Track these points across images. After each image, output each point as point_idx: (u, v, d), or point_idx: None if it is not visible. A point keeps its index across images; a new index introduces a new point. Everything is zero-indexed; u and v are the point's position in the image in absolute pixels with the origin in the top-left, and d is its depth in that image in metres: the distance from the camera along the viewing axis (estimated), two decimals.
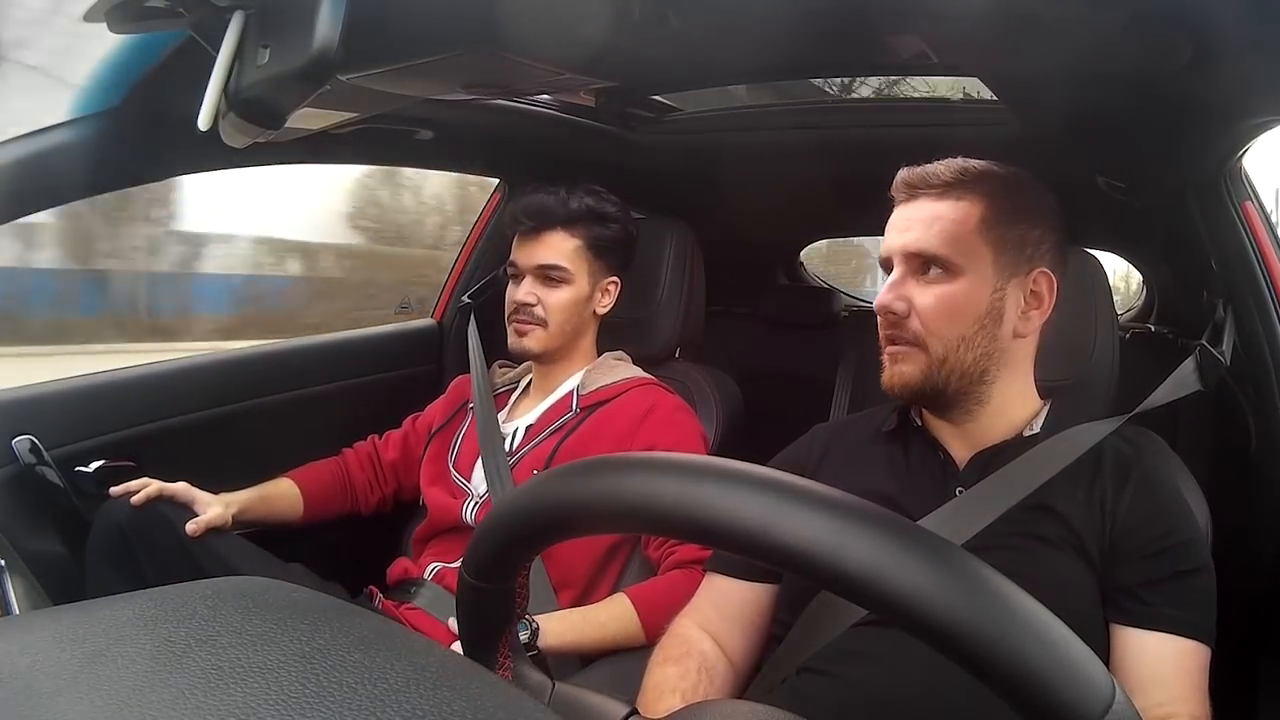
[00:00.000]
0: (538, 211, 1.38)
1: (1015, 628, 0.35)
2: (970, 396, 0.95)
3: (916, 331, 0.93)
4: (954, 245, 0.92)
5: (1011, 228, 0.93)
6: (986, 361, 0.93)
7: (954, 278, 0.92)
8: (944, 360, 0.92)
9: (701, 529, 0.39)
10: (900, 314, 0.93)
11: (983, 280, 0.92)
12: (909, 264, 0.94)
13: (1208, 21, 0.76)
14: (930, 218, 0.93)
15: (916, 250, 0.93)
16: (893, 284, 0.94)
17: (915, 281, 0.93)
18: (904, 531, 0.37)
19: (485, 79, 1.00)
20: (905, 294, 0.93)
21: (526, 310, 1.38)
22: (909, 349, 0.93)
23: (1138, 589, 0.85)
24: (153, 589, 0.41)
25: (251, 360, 1.58)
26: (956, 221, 0.92)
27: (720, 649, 0.97)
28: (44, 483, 1.20)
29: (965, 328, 0.92)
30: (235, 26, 0.69)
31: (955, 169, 0.94)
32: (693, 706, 0.54)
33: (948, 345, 0.92)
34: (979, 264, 0.92)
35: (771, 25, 0.89)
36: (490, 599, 0.49)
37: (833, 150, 1.53)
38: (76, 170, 1.05)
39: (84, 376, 1.35)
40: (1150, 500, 0.89)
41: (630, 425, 1.31)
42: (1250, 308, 1.16)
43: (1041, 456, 0.91)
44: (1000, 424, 0.96)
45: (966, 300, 0.92)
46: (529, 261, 1.39)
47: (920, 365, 0.93)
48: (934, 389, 0.93)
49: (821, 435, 1.09)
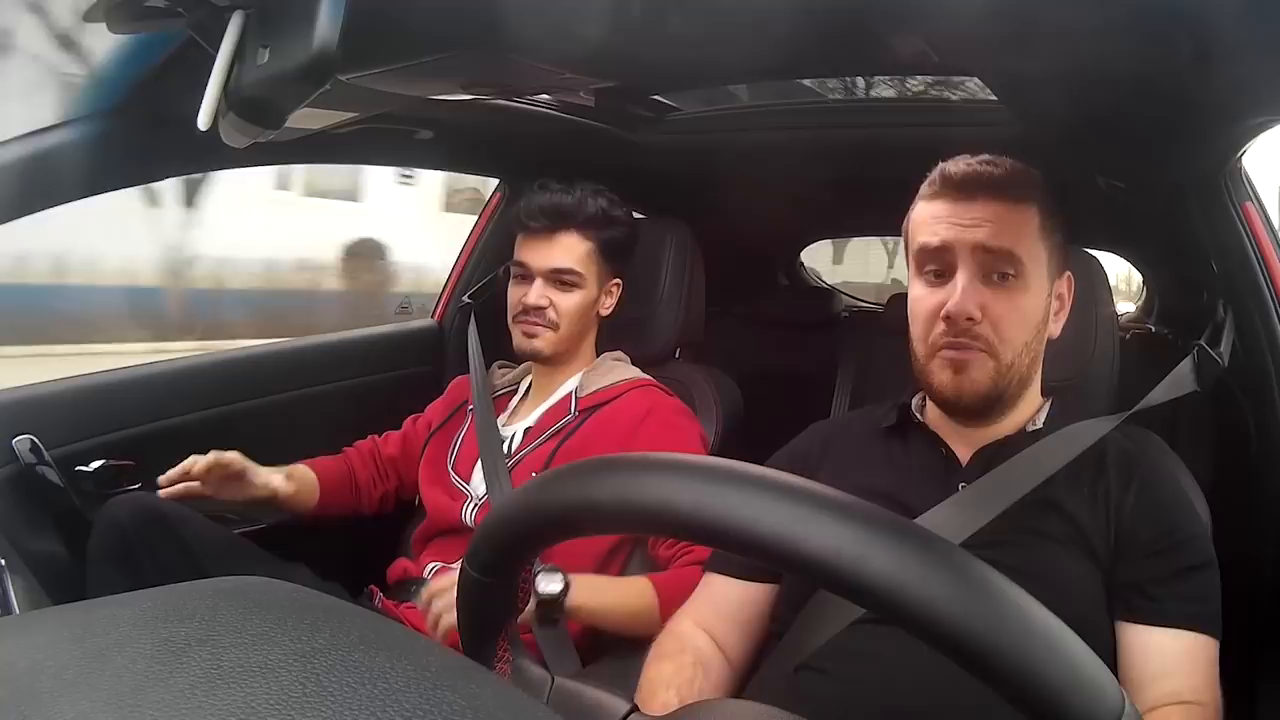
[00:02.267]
0: (553, 211, 1.35)
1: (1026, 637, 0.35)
2: (1015, 399, 0.95)
3: (988, 338, 0.90)
4: (1025, 249, 0.91)
5: (1056, 232, 0.95)
6: (1034, 365, 0.95)
7: (1024, 282, 0.91)
8: (1011, 366, 0.91)
9: (718, 533, 0.39)
10: (977, 319, 0.89)
11: (1041, 286, 0.93)
12: (978, 264, 0.90)
13: (1207, 21, 0.76)
14: (999, 216, 0.90)
15: (995, 246, 0.89)
16: (966, 289, 0.89)
17: (985, 286, 0.90)
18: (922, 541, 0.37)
19: (485, 79, 1.00)
20: (980, 299, 0.90)
21: (538, 313, 1.36)
22: (978, 355, 0.90)
23: (1146, 586, 0.85)
24: (153, 589, 0.41)
25: (251, 360, 1.58)
26: (1021, 223, 0.91)
27: (717, 646, 0.97)
28: (44, 483, 1.20)
29: (1028, 333, 0.92)
30: (235, 26, 0.69)
31: (1012, 171, 0.93)
32: (692, 706, 0.54)
33: (1015, 351, 0.91)
34: (1040, 269, 0.92)
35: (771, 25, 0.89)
36: (491, 593, 0.49)
37: (833, 150, 1.53)
38: (76, 170, 1.05)
39: (84, 376, 1.35)
40: (1155, 497, 0.89)
41: (629, 427, 1.31)
42: (1250, 308, 1.16)
43: (1044, 452, 0.91)
44: (1006, 422, 0.97)
45: (1033, 307, 0.92)
46: (542, 264, 1.36)
47: (989, 372, 0.91)
48: (998, 395, 0.92)
49: (822, 432, 1.09)
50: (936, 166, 0.97)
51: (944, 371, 0.92)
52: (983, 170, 0.93)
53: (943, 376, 0.92)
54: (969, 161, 0.94)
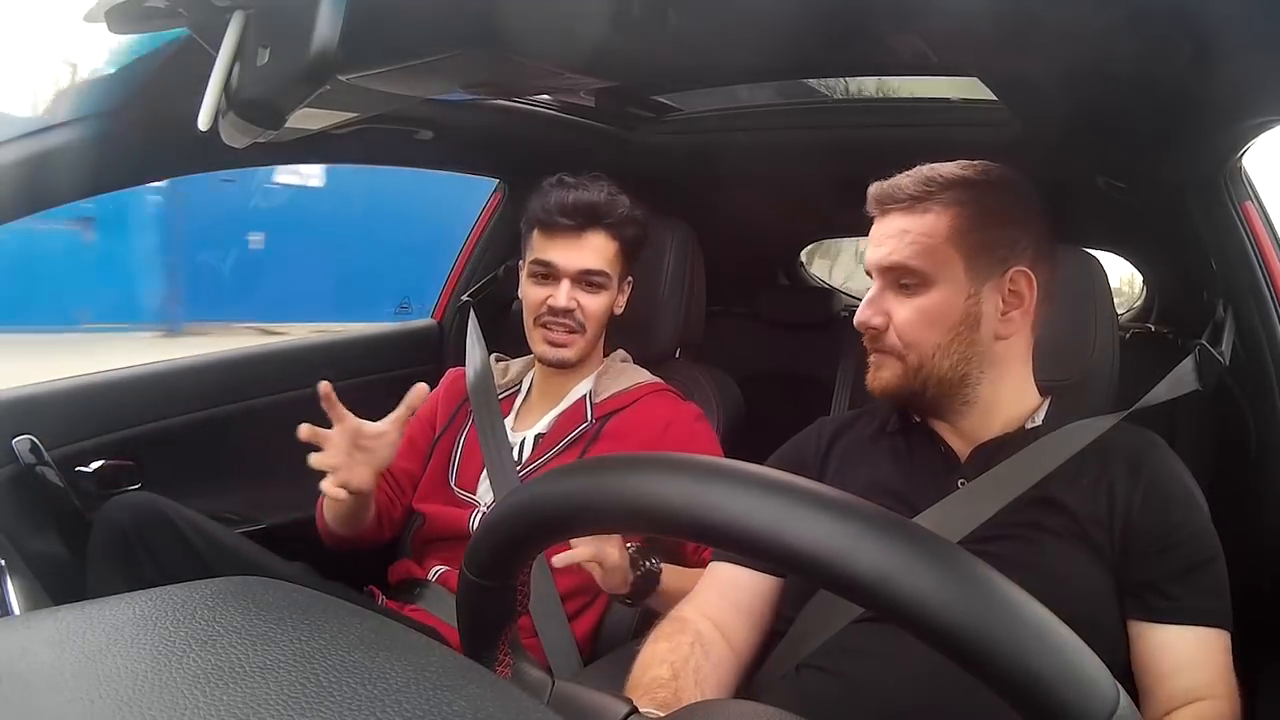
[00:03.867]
0: (586, 210, 1.28)
1: (1019, 631, 0.35)
2: (955, 398, 0.97)
3: (893, 343, 0.96)
4: (924, 257, 0.94)
5: (983, 232, 0.94)
6: (965, 366, 0.95)
7: (928, 289, 0.94)
8: (919, 368, 0.95)
9: (710, 530, 0.39)
10: (879, 328, 0.96)
11: (956, 288, 0.94)
12: (885, 278, 0.97)
13: (1207, 20, 0.76)
14: (899, 231, 0.95)
15: (889, 265, 0.95)
16: (870, 299, 0.97)
17: (892, 294, 0.96)
18: (911, 535, 0.37)
19: (485, 79, 1.00)
20: (883, 307, 0.96)
21: (567, 317, 1.29)
22: (885, 358, 0.97)
23: (1160, 584, 0.86)
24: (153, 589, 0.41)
25: (252, 360, 1.58)
26: (925, 234, 0.94)
27: (719, 632, 0.96)
28: (44, 483, 1.20)
29: (941, 336, 0.94)
30: (235, 26, 0.69)
31: (920, 181, 0.96)
32: (692, 706, 0.54)
33: (923, 354, 0.95)
34: (951, 273, 0.94)
35: (771, 25, 0.89)
36: (492, 596, 0.49)
37: (833, 150, 1.53)
38: (76, 170, 1.05)
39: (84, 376, 1.35)
40: (1163, 493, 0.89)
41: (652, 438, 1.28)
42: (1250, 308, 1.16)
43: (1043, 449, 0.92)
44: (996, 420, 0.97)
45: (941, 310, 0.94)
46: (572, 265, 1.29)
47: (896, 372, 0.96)
48: (911, 393, 0.97)
49: (828, 428, 1.09)
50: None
51: (867, 373, 1.00)
52: (890, 186, 0.97)
53: (866, 377, 1.00)
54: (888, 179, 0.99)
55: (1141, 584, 0.86)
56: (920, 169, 0.98)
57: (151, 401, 1.37)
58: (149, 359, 1.46)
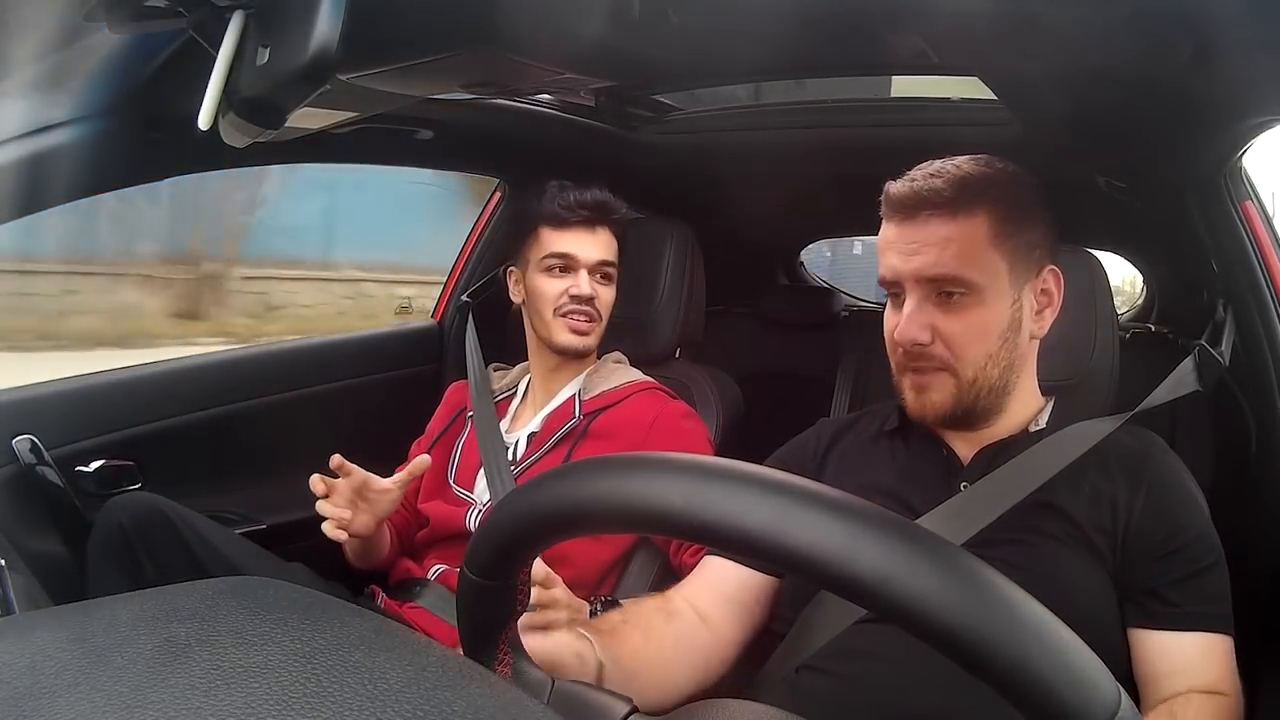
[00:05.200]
0: (597, 205, 1.37)
1: (1020, 632, 0.35)
2: (994, 408, 0.94)
3: (944, 358, 0.90)
4: (973, 266, 0.88)
5: (1020, 234, 0.91)
6: (1009, 373, 0.93)
7: (976, 298, 0.89)
8: (974, 381, 0.91)
9: (709, 531, 0.39)
10: (927, 344, 0.89)
11: (1001, 294, 0.90)
12: (925, 288, 0.90)
13: (1207, 20, 0.76)
14: (941, 239, 0.88)
15: (934, 275, 0.89)
16: (912, 313, 0.89)
17: (935, 307, 0.90)
18: (911, 536, 0.37)
19: (485, 79, 1.00)
20: (928, 322, 0.89)
21: (590, 304, 1.35)
22: (936, 376, 0.91)
23: (1159, 590, 0.85)
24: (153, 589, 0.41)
25: (252, 360, 1.58)
26: (968, 240, 0.88)
27: (697, 613, 0.94)
28: (44, 483, 1.20)
29: (991, 345, 0.90)
30: (235, 26, 0.69)
31: (956, 182, 0.90)
32: (692, 706, 0.54)
33: (976, 366, 0.90)
34: (997, 279, 0.90)
35: (772, 24, 0.88)
36: (492, 596, 0.49)
37: (833, 150, 1.53)
38: (76, 170, 1.05)
39: (84, 376, 1.35)
40: (1165, 497, 0.89)
41: (639, 434, 1.30)
42: (1250, 308, 1.16)
43: (1045, 452, 0.91)
44: (1004, 423, 0.96)
45: (991, 318, 0.90)
46: (591, 255, 1.36)
47: (950, 390, 0.91)
48: (965, 410, 0.92)
49: (828, 429, 1.08)
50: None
51: (909, 393, 0.94)
52: (922, 187, 0.90)
53: (909, 398, 0.94)
54: (912, 178, 0.92)
55: (1143, 590, 0.86)
56: (939, 166, 0.92)
57: (151, 401, 1.37)
58: None
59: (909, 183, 0.92)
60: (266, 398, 1.52)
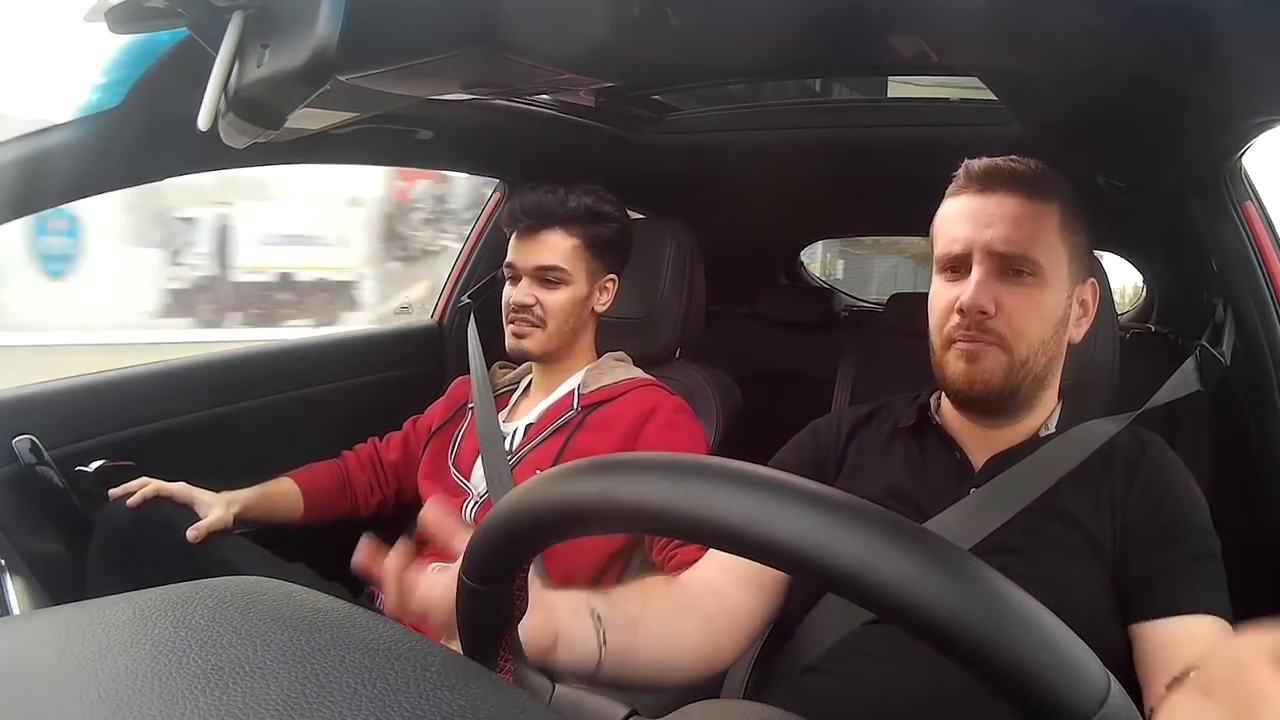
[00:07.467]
0: (535, 210, 1.37)
1: (1006, 621, 0.34)
2: (1029, 400, 0.94)
3: (1001, 331, 0.90)
4: (1043, 249, 0.90)
5: (1079, 235, 0.93)
6: (1051, 366, 0.93)
7: (1041, 281, 0.90)
8: (1025, 362, 0.90)
9: (693, 528, 0.39)
10: (991, 314, 0.89)
11: (1061, 284, 0.92)
12: (992, 262, 0.90)
13: (1208, 20, 0.76)
14: (1017, 215, 0.89)
15: (1006, 252, 0.89)
16: (980, 284, 0.89)
17: (1000, 282, 0.90)
18: (893, 526, 0.37)
19: (485, 79, 1.00)
20: (993, 294, 0.89)
21: (526, 311, 1.37)
22: (991, 347, 0.90)
23: (1156, 577, 0.85)
24: (153, 589, 0.41)
25: (251, 360, 1.58)
26: (1042, 223, 0.90)
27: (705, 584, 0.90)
28: (44, 483, 1.20)
29: (1046, 331, 0.91)
30: (235, 26, 0.69)
31: (1040, 168, 0.93)
32: (692, 706, 0.54)
33: (1030, 348, 0.90)
34: (1059, 268, 0.91)
35: (772, 24, 0.89)
36: (490, 602, 0.49)
37: (833, 150, 1.53)
38: (76, 170, 1.05)
39: (84, 376, 1.35)
40: (1159, 492, 0.89)
41: (632, 427, 1.31)
42: (1250, 308, 1.16)
43: (1052, 456, 0.91)
44: (1022, 426, 0.96)
45: (1051, 304, 0.91)
46: (527, 262, 1.38)
47: (1002, 365, 0.90)
48: (1011, 390, 0.91)
49: (846, 421, 1.07)
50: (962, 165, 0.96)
51: (958, 362, 0.92)
52: (1004, 165, 0.93)
53: (956, 367, 0.92)
54: (993, 158, 0.94)
55: (1140, 581, 0.85)
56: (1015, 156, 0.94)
57: (151, 401, 1.37)
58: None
59: (990, 159, 0.94)
60: (267, 397, 1.52)
